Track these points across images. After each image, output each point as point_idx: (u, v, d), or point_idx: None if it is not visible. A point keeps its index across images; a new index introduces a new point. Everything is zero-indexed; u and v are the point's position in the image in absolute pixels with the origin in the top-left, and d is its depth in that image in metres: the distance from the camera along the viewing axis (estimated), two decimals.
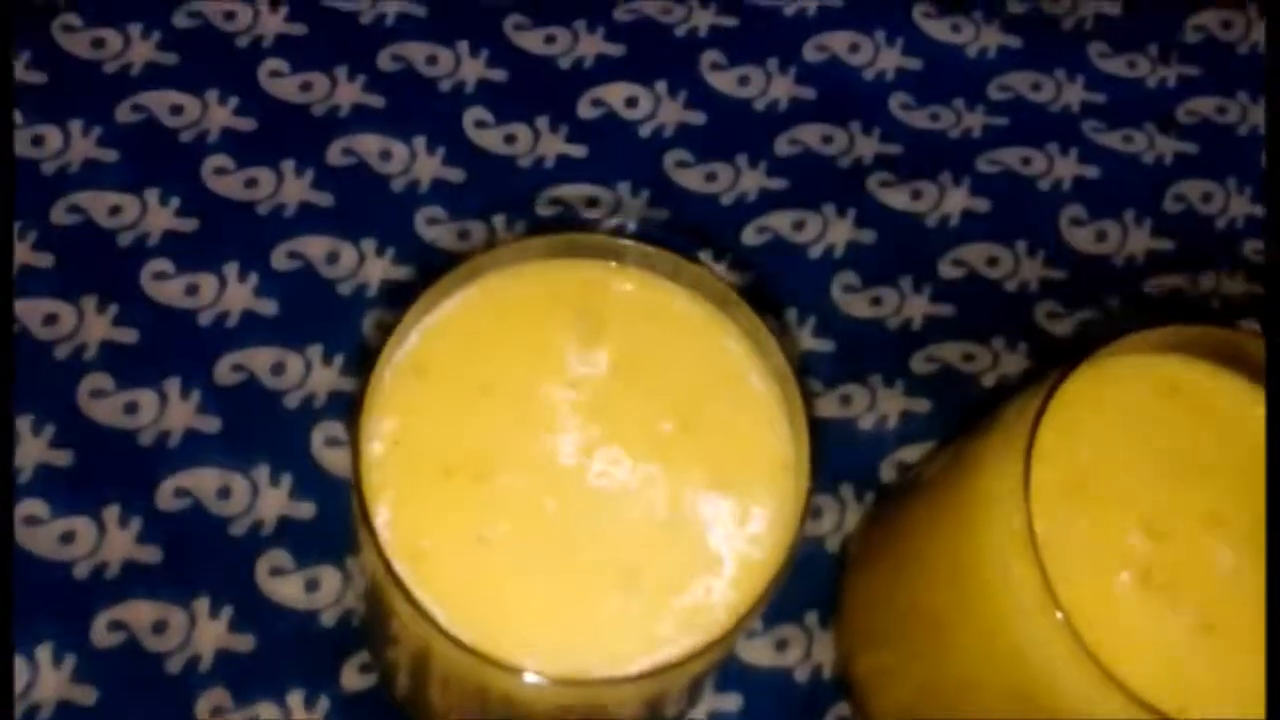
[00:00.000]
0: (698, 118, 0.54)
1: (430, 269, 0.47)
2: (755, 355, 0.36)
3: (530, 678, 0.31)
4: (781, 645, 0.46)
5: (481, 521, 0.33)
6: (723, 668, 0.45)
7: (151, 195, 0.49)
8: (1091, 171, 0.55)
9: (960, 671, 0.39)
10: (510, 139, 0.53)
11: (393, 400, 0.34)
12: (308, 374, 0.47)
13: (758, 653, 0.46)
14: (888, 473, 0.49)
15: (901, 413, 0.50)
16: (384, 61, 0.53)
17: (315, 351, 0.48)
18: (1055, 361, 0.37)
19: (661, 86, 0.54)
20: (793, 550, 0.33)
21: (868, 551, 0.46)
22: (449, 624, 0.31)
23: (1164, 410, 0.38)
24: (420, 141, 0.52)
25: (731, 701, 0.45)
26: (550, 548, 0.33)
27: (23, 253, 0.48)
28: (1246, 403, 0.38)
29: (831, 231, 0.53)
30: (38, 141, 0.50)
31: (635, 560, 0.33)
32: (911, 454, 0.50)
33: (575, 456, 0.34)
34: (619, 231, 0.51)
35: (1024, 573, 0.34)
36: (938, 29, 0.57)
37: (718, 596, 0.33)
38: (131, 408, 0.46)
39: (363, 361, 0.47)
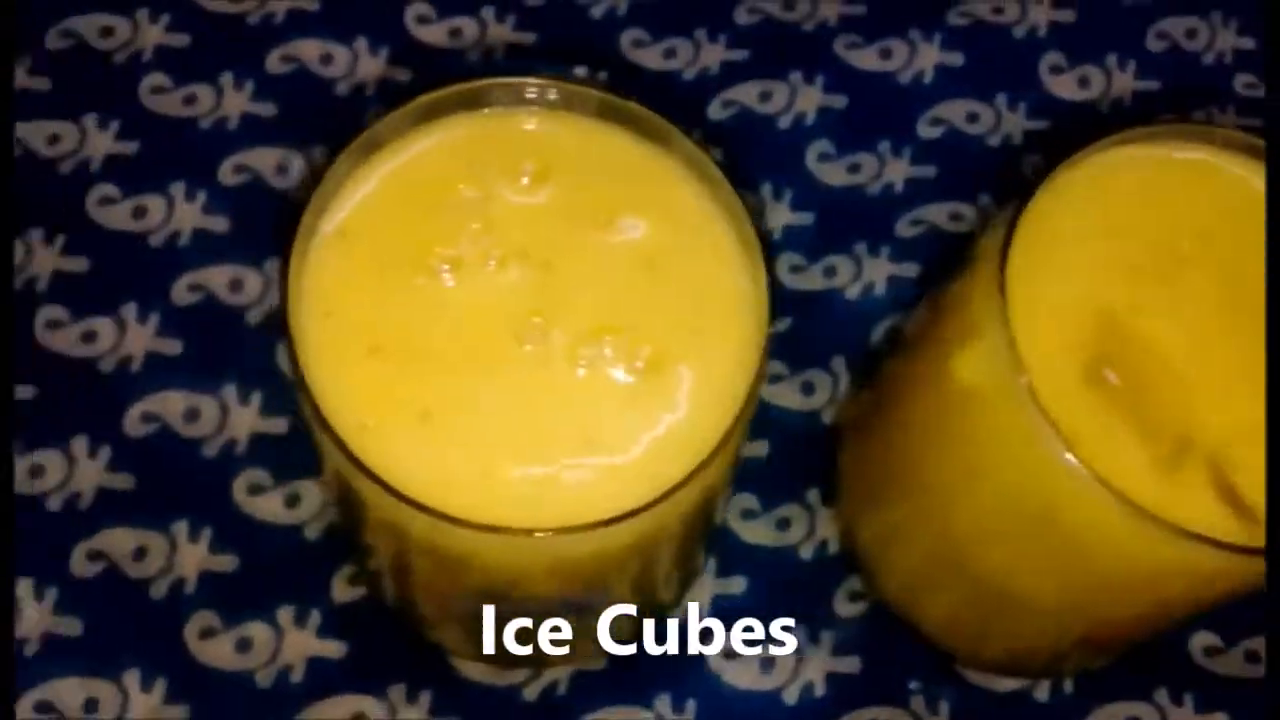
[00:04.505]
0: None
1: None
2: (705, 193, 0.34)
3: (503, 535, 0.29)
4: (783, 524, 0.45)
5: (420, 398, 0.31)
6: (722, 550, 0.44)
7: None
8: (1067, 15, 0.53)
9: (959, 524, 0.38)
10: (455, 33, 0.51)
11: (319, 271, 0.32)
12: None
13: (759, 533, 0.45)
14: (879, 341, 0.48)
15: (889, 279, 0.48)
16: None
17: (272, 266, 0.46)
18: None
19: None
20: (755, 387, 0.31)
21: (858, 419, 0.44)
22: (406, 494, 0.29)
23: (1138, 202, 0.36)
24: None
25: (736, 584, 0.44)
26: (499, 420, 0.31)
27: None
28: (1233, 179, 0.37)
29: (800, 99, 0.51)
30: None
31: (591, 424, 0.31)
32: (902, 320, 0.48)
33: (519, 321, 0.32)
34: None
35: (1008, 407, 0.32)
36: None
37: (682, 446, 0.31)
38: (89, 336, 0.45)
39: None
